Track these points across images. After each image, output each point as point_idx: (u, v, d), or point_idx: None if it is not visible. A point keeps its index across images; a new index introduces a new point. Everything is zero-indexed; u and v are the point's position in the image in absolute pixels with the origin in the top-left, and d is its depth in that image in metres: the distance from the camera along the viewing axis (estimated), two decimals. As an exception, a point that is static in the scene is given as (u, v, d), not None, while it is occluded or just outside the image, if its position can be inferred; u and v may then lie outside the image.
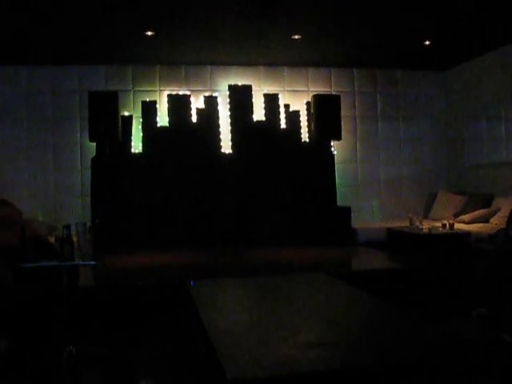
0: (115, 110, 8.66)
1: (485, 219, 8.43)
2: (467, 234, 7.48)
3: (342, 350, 2.80)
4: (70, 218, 7.99)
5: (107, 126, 8.50)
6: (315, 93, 9.63)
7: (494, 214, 8.37)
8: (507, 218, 5.89)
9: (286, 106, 9.71)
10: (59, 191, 9.25)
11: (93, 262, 4.49)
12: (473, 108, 9.85)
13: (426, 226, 7.92)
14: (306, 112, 9.74)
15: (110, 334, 5.20)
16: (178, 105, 9.34)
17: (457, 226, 8.00)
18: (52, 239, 4.74)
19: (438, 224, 8.10)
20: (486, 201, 8.85)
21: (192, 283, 4.82)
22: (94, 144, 8.85)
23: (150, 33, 7.73)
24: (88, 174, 8.97)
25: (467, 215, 8.63)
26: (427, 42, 8.48)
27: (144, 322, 5.45)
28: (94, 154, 8.91)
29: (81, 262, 4.51)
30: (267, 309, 3.81)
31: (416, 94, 10.55)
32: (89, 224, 8.14)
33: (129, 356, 4.68)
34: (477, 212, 8.61)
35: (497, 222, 7.95)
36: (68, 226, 4.53)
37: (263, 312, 3.72)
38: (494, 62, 9.11)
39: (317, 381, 2.50)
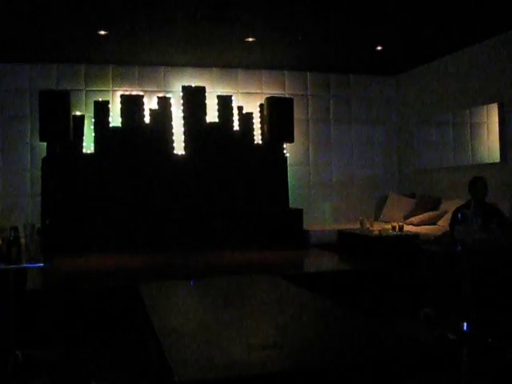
0: (67, 109, 8.56)
1: (432, 222, 8.66)
2: (416, 236, 7.64)
3: (291, 352, 2.82)
4: (19, 220, 7.83)
5: (58, 125, 8.40)
6: (269, 95, 9.70)
7: (441, 216, 8.59)
8: (450, 221, 6.05)
9: (240, 108, 9.74)
10: (8, 192, 9.02)
11: (41, 264, 4.40)
12: (423, 113, 10.07)
13: (376, 228, 8.05)
14: (259, 114, 9.80)
15: (58, 337, 5.13)
16: (131, 105, 9.26)
17: (406, 228, 8.16)
18: (-1, 241, 4.63)
19: (388, 226, 8.22)
20: (434, 204, 9.10)
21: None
22: (45, 144, 8.73)
23: (103, 32, 7.64)
24: (38, 174, 8.82)
25: (416, 217, 8.85)
26: (379, 48, 8.63)
27: (94, 325, 5.39)
28: (44, 154, 8.77)
29: (28, 265, 4.42)
30: (217, 310, 3.82)
31: (368, 98, 10.72)
32: (38, 225, 7.99)
33: (77, 360, 4.62)
34: (425, 214, 8.83)
35: (444, 224, 8.14)
36: (15, 228, 4.43)
37: (213, 314, 3.72)
38: (444, 68, 9.36)
39: (265, 383, 2.52)
